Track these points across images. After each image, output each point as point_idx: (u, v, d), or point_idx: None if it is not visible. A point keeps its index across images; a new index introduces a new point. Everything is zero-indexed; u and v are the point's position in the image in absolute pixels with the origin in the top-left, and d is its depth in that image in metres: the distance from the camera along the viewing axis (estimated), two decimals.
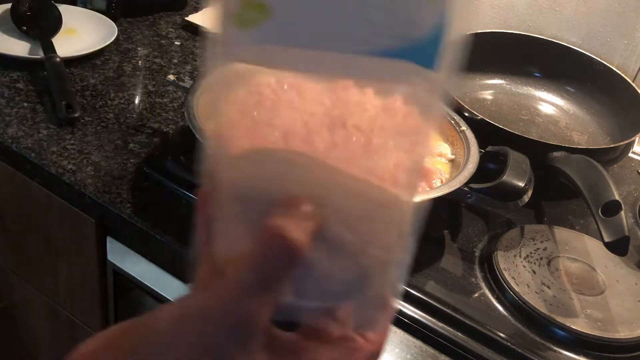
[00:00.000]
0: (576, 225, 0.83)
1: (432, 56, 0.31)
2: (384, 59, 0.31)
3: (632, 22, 1.01)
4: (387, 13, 0.31)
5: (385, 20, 0.31)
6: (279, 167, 0.30)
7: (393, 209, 0.31)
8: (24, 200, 0.98)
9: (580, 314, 0.67)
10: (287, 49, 0.31)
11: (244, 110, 0.34)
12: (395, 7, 0.31)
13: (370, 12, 0.31)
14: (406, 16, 0.31)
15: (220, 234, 0.30)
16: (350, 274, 0.29)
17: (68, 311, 1.06)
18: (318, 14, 0.31)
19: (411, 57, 0.31)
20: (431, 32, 0.31)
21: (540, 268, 0.72)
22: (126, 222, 0.77)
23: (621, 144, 0.86)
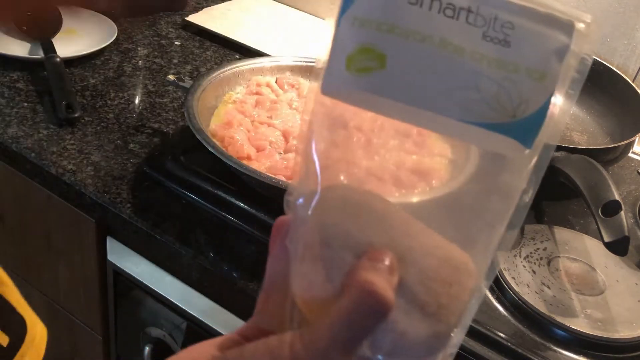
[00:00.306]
0: (576, 225, 0.83)
1: (532, 135, 0.31)
2: (485, 130, 0.31)
3: (632, 22, 1.01)
4: (499, 87, 0.31)
5: (496, 94, 0.31)
6: (371, 219, 0.31)
7: (467, 276, 0.31)
8: (24, 200, 0.98)
9: (580, 314, 0.67)
10: (390, 102, 0.31)
11: (342, 150, 0.35)
12: (508, 83, 0.31)
13: (483, 84, 0.31)
14: (518, 93, 0.31)
15: (303, 275, 0.30)
16: (422, 335, 0.30)
17: (68, 311, 1.06)
18: (431, 74, 0.31)
19: (512, 133, 0.31)
20: (537, 111, 0.31)
21: (540, 268, 0.72)
22: (126, 222, 0.77)
23: (621, 144, 0.86)
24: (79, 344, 1.09)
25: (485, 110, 0.31)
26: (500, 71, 0.31)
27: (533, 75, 0.31)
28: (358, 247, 0.30)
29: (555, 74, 0.31)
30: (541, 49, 0.31)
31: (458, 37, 0.31)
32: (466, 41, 0.31)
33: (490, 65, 0.31)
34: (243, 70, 0.91)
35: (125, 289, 0.90)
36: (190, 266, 0.74)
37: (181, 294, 0.82)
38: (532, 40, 0.31)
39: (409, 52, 0.31)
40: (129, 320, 0.95)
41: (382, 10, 0.31)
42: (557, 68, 0.31)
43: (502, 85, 0.31)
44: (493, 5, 0.31)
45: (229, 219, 0.77)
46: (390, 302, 0.27)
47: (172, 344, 0.88)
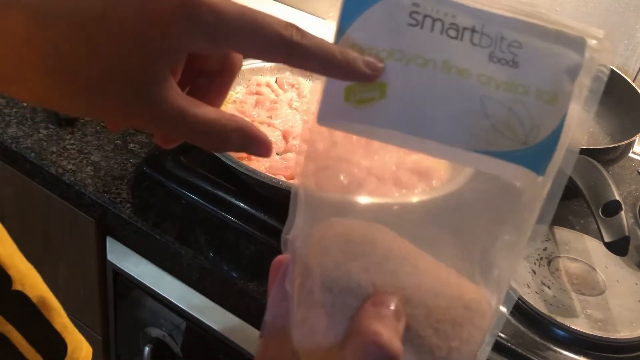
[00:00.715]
0: (576, 225, 0.83)
1: (545, 162, 0.29)
2: (495, 159, 0.29)
3: (632, 21, 1.01)
4: (510, 112, 0.29)
5: (507, 119, 0.29)
6: (374, 257, 0.28)
7: (480, 315, 0.29)
8: (24, 200, 0.97)
9: (581, 314, 0.67)
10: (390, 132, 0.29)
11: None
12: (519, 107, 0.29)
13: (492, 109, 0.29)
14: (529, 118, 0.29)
15: (303, 321, 0.28)
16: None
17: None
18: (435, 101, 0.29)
19: (524, 161, 0.29)
20: (550, 136, 0.29)
21: (541, 268, 0.72)
22: (126, 222, 0.77)
23: (621, 144, 0.86)
24: None
25: (495, 137, 0.29)
26: (509, 94, 0.29)
27: (544, 97, 0.29)
28: (361, 289, 0.27)
29: (567, 95, 0.29)
30: (552, 68, 0.29)
31: (463, 59, 0.29)
32: (472, 63, 0.29)
33: (498, 88, 0.29)
34: (243, 70, 0.91)
35: (125, 289, 0.90)
36: (190, 266, 0.74)
37: (181, 294, 0.82)
38: (541, 59, 0.29)
39: (410, 78, 0.29)
40: (128, 320, 0.95)
41: (379, 34, 0.29)
42: (570, 88, 0.29)
43: (513, 109, 0.29)
44: (499, 24, 0.29)
45: (228, 219, 0.77)
46: (397, 353, 0.25)
47: (172, 344, 0.88)
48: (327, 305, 0.27)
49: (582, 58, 0.29)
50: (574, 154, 0.30)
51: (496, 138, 0.29)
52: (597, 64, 0.30)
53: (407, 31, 0.29)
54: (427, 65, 0.29)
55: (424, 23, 0.29)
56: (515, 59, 0.29)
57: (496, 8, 0.30)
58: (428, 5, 0.29)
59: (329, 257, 0.28)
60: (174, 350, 0.88)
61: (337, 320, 0.27)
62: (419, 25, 0.29)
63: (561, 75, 0.29)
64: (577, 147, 0.30)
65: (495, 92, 0.29)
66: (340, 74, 0.29)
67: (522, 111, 0.29)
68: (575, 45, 0.29)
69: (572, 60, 0.29)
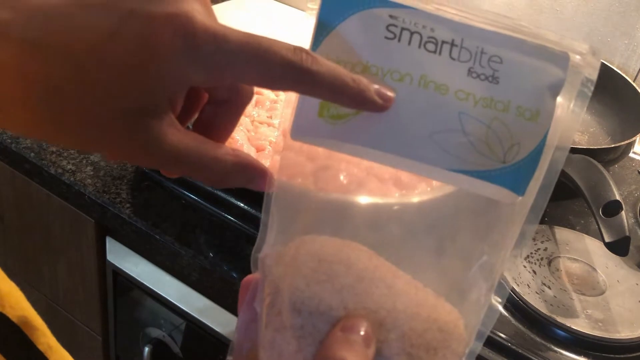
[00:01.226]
0: (577, 226, 0.83)
1: (524, 181, 0.28)
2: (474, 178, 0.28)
3: (632, 21, 1.01)
4: (488, 129, 0.28)
5: (485, 137, 0.28)
6: (348, 279, 0.27)
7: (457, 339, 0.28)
8: (23, 200, 0.97)
9: (581, 315, 0.67)
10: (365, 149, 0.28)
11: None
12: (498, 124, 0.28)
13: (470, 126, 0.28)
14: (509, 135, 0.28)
15: (271, 344, 0.27)
16: None
17: (67, 311, 1.06)
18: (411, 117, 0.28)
19: (502, 180, 0.28)
20: (530, 154, 0.28)
21: (541, 268, 0.72)
22: (126, 222, 0.77)
23: (622, 144, 0.86)
24: (78, 344, 1.09)
25: (473, 156, 0.28)
26: (488, 111, 0.28)
27: (525, 115, 0.28)
28: (332, 312, 0.26)
29: (549, 112, 0.28)
30: (533, 84, 0.28)
31: (441, 74, 0.28)
32: (450, 78, 0.28)
33: (477, 104, 0.28)
34: None
35: (125, 289, 0.90)
36: (189, 266, 0.74)
37: (181, 294, 0.82)
38: (523, 75, 0.28)
39: None
40: (128, 320, 0.95)
41: (355, 48, 0.28)
42: (552, 105, 0.28)
43: (491, 126, 0.28)
44: (479, 38, 0.28)
45: (228, 219, 0.77)
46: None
47: (171, 345, 0.88)
48: (295, 327, 0.26)
49: (565, 74, 0.28)
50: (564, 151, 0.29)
51: (474, 157, 0.28)
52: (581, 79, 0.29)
53: (384, 45, 0.28)
54: (403, 80, 0.28)
55: (401, 36, 0.28)
56: (496, 74, 0.28)
57: (478, 21, 0.29)
58: (406, 18, 0.28)
59: (299, 276, 0.27)
60: (173, 350, 0.88)
61: (306, 344, 0.26)
62: (396, 38, 0.28)
63: (543, 91, 0.28)
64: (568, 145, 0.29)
65: (473, 109, 0.28)
66: (351, 103, 0.28)
67: (502, 129, 0.28)
68: (558, 60, 0.28)
69: (555, 76, 0.28)
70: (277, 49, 0.26)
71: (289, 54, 0.26)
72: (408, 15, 0.28)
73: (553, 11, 1.06)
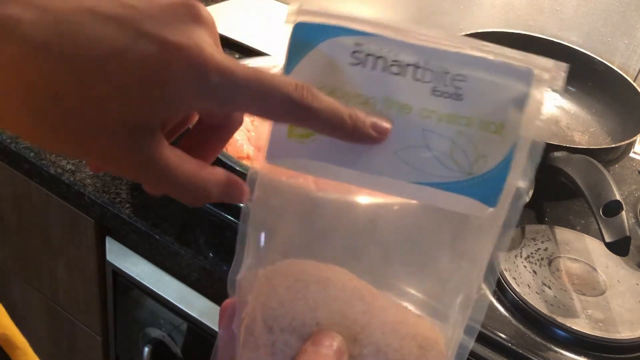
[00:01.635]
0: (577, 226, 0.83)
1: (495, 193, 0.29)
2: (441, 191, 0.29)
3: (633, 21, 1.01)
4: (452, 143, 0.29)
5: (450, 151, 0.29)
6: (322, 297, 0.28)
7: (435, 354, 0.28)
8: (23, 200, 0.97)
9: (581, 315, 0.67)
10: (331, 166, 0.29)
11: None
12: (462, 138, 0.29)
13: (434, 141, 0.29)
14: (473, 148, 0.29)
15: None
16: None
17: (67, 311, 1.06)
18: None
19: (470, 192, 0.29)
20: (498, 165, 0.29)
21: (541, 268, 0.72)
22: (125, 222, 0.77)
23: (622, 144, 0.86)
24: (78, 344, 1.09)
25: (438, 169, 0.29)
26: (452, 126, 0.29)
27: (489, 128, 0.29)
28: (304, 329, 0.27)
29: (515, 124, 0.29)
30: (497, 99, 0.29)
31: (404, 95, 0.29)
32: (413, 98, 0.29)
33: (441, 120, 0.29)
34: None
35: (125, 289, 0.90)
36: (189, 266, 0.74)
37: (180, 294, 0.82)
38: (486, 91, 0.29)
39: None
40: (128, 320, 0.95)
41: (321, 74, 0.30)
42: (518, 117, 0.29)
43: (455, 141, 0.29)
44: (443, 59, 0.29)
45: (228, 219, 0.77)
46: None
47: (171, 345, 0.88)
48: (268, 345, 0.27)
49: (529, 88, 0.29)
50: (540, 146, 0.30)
51: (439, 170, 0.29)
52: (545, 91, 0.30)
53: (349, 70, 0.29)
54: (367, 104, 0.29)
55: (366, 62, 0.29)
56: (459, 92, 0.29)
57: (444, 44, 0.30)
58: (372, 44, 0.29)
59: (274, 296, 0.28)
60: (173, 350, 0.88)
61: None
62: (361, 64, 0.29)
63: (507, 105, 0.29)
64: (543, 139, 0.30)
65: (437, 125, 0.29)
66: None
67: (466, 142, 0.29)
68: (522, 75, 0.29)
69: (519, 90, 0.29)
70: (280, 85, 0.27)
71: (290, 91, 0.27)
72: (374, 42, 0.29)
73: (553, 11, 1.06)
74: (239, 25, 1.23)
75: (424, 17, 1.16)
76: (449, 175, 0.29)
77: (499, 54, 0.30)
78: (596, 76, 1.00)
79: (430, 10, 1.14)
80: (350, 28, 0.30)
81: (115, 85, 0.25)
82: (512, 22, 1.09)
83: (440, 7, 1.13)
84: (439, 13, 1.14)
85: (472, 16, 1.11)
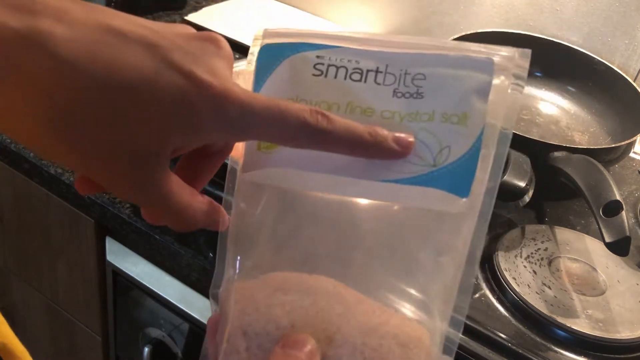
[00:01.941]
0: (577, 226, 0.83)
1: (466, 182, 0.29)
2: (408, 186, 0.29)
3: (633, 21, 1.01)
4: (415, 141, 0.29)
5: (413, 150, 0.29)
6: (300, 303, 0.28)
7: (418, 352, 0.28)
8: (23, 200, 0.97)
9: (581, 315, 0.66)
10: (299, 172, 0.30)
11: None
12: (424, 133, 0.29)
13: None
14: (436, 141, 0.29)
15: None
16: None
17: (67, 311, 1.06)
18: None
19: (437, 183, 0.29)
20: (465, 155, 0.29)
21: (541, 268, 0.72)
22: (125, 222, 0.77)
23: (622, 144, 0.86)
24: (78, 344, 1.09)
25: (402, 165, 0.29)
26: (414, 123, 0.30)
27: (452, 119, 0.29)
28: (278, 332, 0.27)
29: (480, 113, 0.29)
30: (457, 91, 0.30)
31: (366, 99, 0.30)
32: (375, 101, 0.30)
33: (402, 120, 0.30)
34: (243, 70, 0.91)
35: (125, 289, 0.90)
36: (189, 266, 0.74)
37: (180, 294, 0.82)
38: (446, 85, 0.30)
39: None
40: (128, 320, 0.95)
41: (287, 87, 0.31)
42: (482, 106, 0.29)
43: (418, 137, 0.29)
44: (403, 61, 0.30)
45: None
46: None
47: (171, 345, 0.88)
48: (241, 350, 0.27)
49: (491, 77, 0.30)
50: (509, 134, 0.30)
51: (404, 166, 0.29)
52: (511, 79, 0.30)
53: (312, 81, 0.31)
54: (330, 109, 0.30)
55: (327, 72, 0.31)
56: (420, 90, 0.30)
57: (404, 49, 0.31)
58: (332, 56, 0.31)
59: (252, 303, 0.28)
60: (173, 350, 0.88)
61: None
62: (323, 74, 0.31)
63: (469, 96, 0.30)
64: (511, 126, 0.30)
65: (399, 125, 0.30)
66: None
67: (428, 136, 0.29)
68: (482, 66, 0.30)
69: (480, 80, 0.30)
70: (295, 113, 0.28)
71: (306, 117, 0.28)
72: (334, 53, 0.31)
73: (553, 11, 1.06)
74: (239, 25, 1.23)
75: (424, 17, 1.16)
76: (414, 170, 0.29)
77: (460, 49, 0.30)
78: (596, 76, 1.00)
79: (431, 10, 1.14)
80: (311, 43, 0.31)
81: (141, 113, 0.26)
82: (512, 22, 1.09)
83: (440, 7, 1.13)
84: (439, 13, 1.14)
85: (472, 16, 1.11)
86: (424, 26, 1.16)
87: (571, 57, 1.02)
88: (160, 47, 0.26)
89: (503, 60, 0.30)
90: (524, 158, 0.74)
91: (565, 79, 1.04)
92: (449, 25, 1.13)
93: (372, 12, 1.21)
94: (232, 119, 0.27)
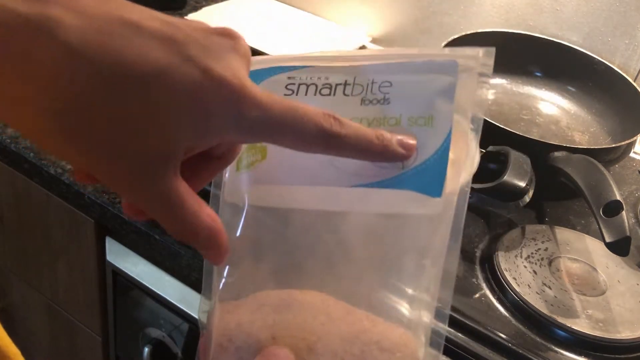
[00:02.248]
0: (577, 226, 0.83)
1: (437, 182, 0.30)
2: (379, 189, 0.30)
3: (633, 21, 1.01)
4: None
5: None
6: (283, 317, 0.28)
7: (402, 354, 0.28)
8: (23, 200, 0.97)
9: (582, 315, 0.66)
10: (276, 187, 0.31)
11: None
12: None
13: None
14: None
15: None
16: None
17: (67, 311, 1.06)
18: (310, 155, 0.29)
19: (406, 184, 0.30)
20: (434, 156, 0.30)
21: (541, 268, 0.72)
22: (125, 222, 0.77)
23: (622, 144, 0.86)
24: (78, 344, 1.09)
25: (372, 171, 0.30)
26: (381, 128, 0.30)
27: (418, 122, 0.30)
28: (259, 344, 0.27)
29: (446, 114, 0.30)
30: (423, 95, 0.30)
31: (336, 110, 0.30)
32: (344, 111, 0.30)
33: (370, 125, 0.30)
34: None
35: (124, 289, 0.90)
36: (189, 266, 0.74)
37: (180, 294, 0.81)
38: (411, 90, 0.31)
39: None
40: (128, 320, 0.95)
41: None
42: (448, 107, 0.30)
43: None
44: (370, 72, 0.31)
45: None
46: None
47: (171, 345, 0.88)
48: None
49: (455, 78, 0.30)
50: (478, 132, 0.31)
51: (373, 171, 0.30)
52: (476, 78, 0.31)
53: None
54: None
55: (298, 90, 0.32)
56: (387, 96, 0.31)
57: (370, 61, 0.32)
58: (302, 75, 0.32)
59: (234, 319, 0.28)
60: (173, 351, 0.88)
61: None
62: (294, 93, 0.32)
63: (434, 98, 0.30)
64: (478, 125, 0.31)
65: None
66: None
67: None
68: (447, 68, 0.31)
69: (445, 81, 0.30)
70: (311, 116, 0.28)
71: (321, 121, 0.28)
72: (304, 73, 0.32)
73: (553, 11, 1.06)
74: (239, 25, 1.23)
75: (424, 17, 1.16)
76: (384, 174, 0.30)
77: (425, 55, 0.31)
78: (596, 76, 1.00)
79: (431, 11, 1.14)
80: (281, 66, 0.32)
81: (152, 107, 0.24)
82: (512, 22, 1.09)
83: (441, 7, 1.13)
84: (439, 13, 1.14)
85: (472, 16, 1.11)
86: (424, 26, 1.16)
87: (571, 57, 1.02)
88: (176, 41, 0.25)
89: (467, 60, 0.31)
90: (524, 158, 0.74)
91: (565, 79, 1.04)
92: (449, 25, 1.13)
93: (372, 12, 1.21)
94: (251, 120, 0.26)
